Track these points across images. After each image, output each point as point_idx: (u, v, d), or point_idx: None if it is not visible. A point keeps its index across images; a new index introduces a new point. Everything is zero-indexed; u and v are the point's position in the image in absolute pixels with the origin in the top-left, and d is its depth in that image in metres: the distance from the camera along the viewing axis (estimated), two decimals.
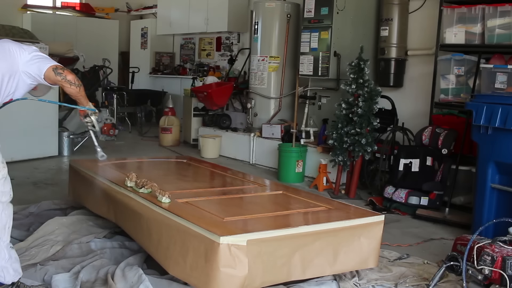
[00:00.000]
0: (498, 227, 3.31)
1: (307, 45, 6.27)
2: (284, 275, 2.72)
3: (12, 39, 3.21)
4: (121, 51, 11.95)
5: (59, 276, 2.94)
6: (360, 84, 5.08)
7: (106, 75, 9.08)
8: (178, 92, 9.96)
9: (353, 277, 3.08)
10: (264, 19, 7.15)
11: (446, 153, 4.82)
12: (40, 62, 2.77)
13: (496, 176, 3.88)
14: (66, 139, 6.93)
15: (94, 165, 4.28)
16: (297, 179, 5.90)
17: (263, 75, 7.18)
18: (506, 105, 3.72)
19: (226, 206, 3.30)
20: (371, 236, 3.03)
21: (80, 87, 2.89)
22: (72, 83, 2.82)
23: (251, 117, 7.28)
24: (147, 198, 3.18)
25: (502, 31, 4.74)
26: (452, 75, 5.13)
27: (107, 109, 8.78)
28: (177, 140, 8.17)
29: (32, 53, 2.78)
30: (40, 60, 2.78)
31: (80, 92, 2.91)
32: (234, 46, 9.47)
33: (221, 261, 2.48)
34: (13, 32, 6.99)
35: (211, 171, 4.53)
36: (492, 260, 2.67)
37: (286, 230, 2.76)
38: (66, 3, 11.57)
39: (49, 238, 3.43)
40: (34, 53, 2.80)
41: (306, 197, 3.52)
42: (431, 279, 2.92)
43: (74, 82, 2.83)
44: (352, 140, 5.07)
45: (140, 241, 3.17)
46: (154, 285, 2.80)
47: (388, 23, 5.96)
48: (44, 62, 2.78)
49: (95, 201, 3.85)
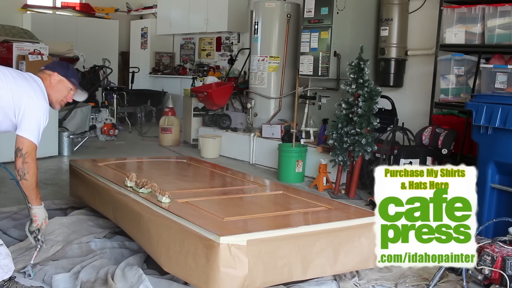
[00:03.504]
0: (498, 227, 3.31)
1: (307, 45, 6.27)
2: (285, 276, 2.72)
3: (12, 39, 3.21)
4: (121, 51, 11.95)
5: (59, 276, 2.94)
6: (360, 84, 5.08)
7: (106, 75, 9.08)
8: (178, 92, 9.96)
9: (353, 277, 3.08)
10: (264, 19, 7.15)
11: (446, 153, 4.82)
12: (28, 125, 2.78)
13: (496, 176, 3.88)
14: (66, 139, 6.92)
15: (94, 165, 4.29)
16: (297, 179, 5.90)
17: (263, 75, 7.18)
18: (506, 105, 3.73)
19: (226, 206, 3.30)
20: (371, 236, 3.01)
21: (31, 182, 2.81)
22: (22, 176, 2.77)
23: (251, 117, 7.28)
24: (147, 198, 3.18)
25: (502, 31, 4.74)
26: (452, 75, 5.13)
27: (107, 109, 8.78)
28: (177, 140, 8.17)
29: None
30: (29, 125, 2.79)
31: (29, 187, 2.83)
32: (234, 46, 9.47)
33: (221, 261, 2.47)
34: (13, 32, 6.99)
35: (211, 171, 4.53)
36: (492, 260, 2.66)
37: (286, 230, 2.76)
38: (66, 3, 11.58)
39: (49, 238, 3.43)
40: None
41: (306, 197, 3.52)
42: (431, 279, 2.92)
43: (23, 174, 2.77)
44: (352, 140, 5.07)
45: (140, 241, 3.17)
46: (154, 285, 2.80)
47: (388, 23, 5.96)
48: (29, 131, 2.78)
49: (95, 201, 3.85)
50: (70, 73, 3.06)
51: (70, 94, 3.08)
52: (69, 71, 3.07)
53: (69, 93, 3.07)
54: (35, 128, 2.81)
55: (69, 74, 3.04)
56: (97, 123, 8.28)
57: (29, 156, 2.78)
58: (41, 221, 2.96)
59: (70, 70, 3.11)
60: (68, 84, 3.04)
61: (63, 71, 3.03)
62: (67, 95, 3.06)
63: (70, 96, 3.10)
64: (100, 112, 8.40)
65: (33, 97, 2.81)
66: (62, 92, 3.03)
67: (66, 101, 3.10)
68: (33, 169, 2.81)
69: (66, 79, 3.02)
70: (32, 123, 2.80)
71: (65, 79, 3.02)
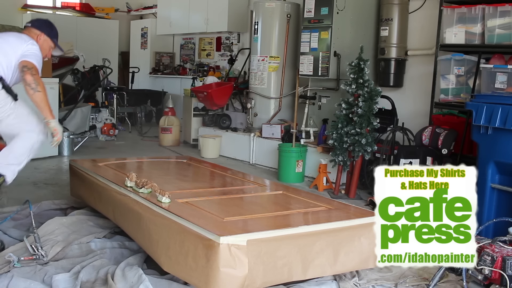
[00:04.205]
0: (498, 227, 3.31)
1: (307, 45, 6.27)
2: (285, 276, 2.71)
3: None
4: (121, 51, 11.95)
5: (59, 276, 2.94)
6: (360, 84, 5.08)
7: (106, 75, 9.08)
8: (178, 92, 9.96)
9: (353, 277, 3.08)
10: (264, 19, 7.15)
11: (446, 153, 4.82)
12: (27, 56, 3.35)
13: (496, 176, 3.88)
14: (66, 139, 6.92)
15: (94, 165, 4.29)
16: (297, 179, 5.90)
17: (263, 75, 7.18)
18: (506, 105, 3.73)
19: (226, 206, 3.30)
20: (371, 236, 3.01)
21: (44, 93, 3.28)
22: (34, 88, 3.24)
23: (251, 117, 7.28)
24: (147, 198, 3.18)
25: (502, 31, 4.74)
26: (452, 75, 5.13)
27: (107, 109, 8.78)
28: (177, 140, 8.17)
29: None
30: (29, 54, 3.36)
31: (43, 99, 3.30)
32: (234, 46, 9.47)
33: (221, 261, 2.47)
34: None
35: (211, 171, 4.53)
36: (492, 260, 2.67)
37: (286, 230, 2.76)
38: (66, 3, 11.58)
39: (49, 238, 3.43)
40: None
41: (306, 197, 3.52)
42: (431, 279, 2.92)
43: (36, 86, 3.24)
44: (352, 140, 5.07)
45: (140, 241, 3.17)
46: (154, 285, 2.80)
47: (388, 23, 5.96)
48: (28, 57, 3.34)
49: (95, 201, 3.85)
50: (53, 33, 3.67)
51: (50, 51, 3.71)
52: (53, 31, 3.67)
53: (49, 50, 3.69)
54: (36, 60, 3.36)
55: (52, 34, 3.65)
56: (97, 123, 8.28)
57: (36, 72, 3.27)
58: (60, 134, 3.45)
59: (54, 30, 3.70)
60: (51, 43, 3.65)
61: (48, 31, 3.62)
62: (48, 52, 3.67)
63: (50, 53, 3.72)
64: (100, 112, 8.40)
65: (27, 41, 3.45)
66: (45, 50, 3.61)
67: (48, 57, 3.72)
68: (42, 83, 3.26)
69: (49, 39, 3.63)
70: (33, 57, 3.37)
71: (49, 38, 3.63)
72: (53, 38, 3.64)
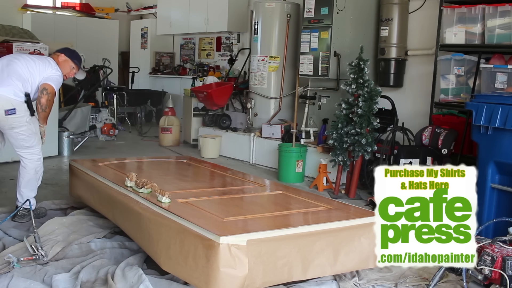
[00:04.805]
0: (498, 227, 3.31)
1: (307, 45, 6.27)
2: (285, 276, 2.72)
3: (12, 39, 3.47)
4: (121, 51, 11.95)
5: (59, 276, 2.94)
6: (360, 84, 5.08)
7: (106, 75, 9.07)
8: (178, 92, 9.96)
9: (353, 277, 3.08)
10: (264, 19, 7.15)
11: (446, 153, 4.82)
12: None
13: (496, 176, 3.88)
14: (66, 139, 6.92)
15: (94, 165, 4.29)
16: (297, 179, 5.90)
17: (263, 75, 7.18)
18: (506, 105, 3.73)
19: (226, 206, 3.30)
20: (371, 236, 3.01)
21: (48, 113, 3.98)
22: (43, 109, 3.92)
23: (251, 117, 7.28)
24: (147, 198, 3.18)
25: (502, 31, 4.74)
26: (452, 75, 5.13)
27: (107, 109, 8.77)
28: (177, 140, 8.17)
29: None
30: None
31: (45, 116, 3.99)
32: (234, 46, 9.47)
33: (221, 261, 2.47)
34: (13, 32, 6.98)
35: (211, 171, 4.53)
36: (492, 260, 2.67)
37: (286, 230, 2.76)
38: (66, 3, 11.57)
39: (49, 238, 3.43)
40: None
41: (306, 197, 3.52)
42: (431, 279, 2.92)
43: (45, 108, 3.91)
44: (352, 140, 5.07)
45: (140, 241, 3.17)
46: (154, 285, 2.80)
47: (388, 23, 5.96)
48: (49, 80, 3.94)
49: (95, 201, 3.85)
50: (74, 55, 4.18)
51: (72, 71, 4.19)
52: (73, 54, 4.19)
53: (71, 71, 4.17)
54: (55, 84, 3.96)
55: (73, 56, 4.17)
56: (97, 123, 8.28)
57: (52, 97, 3.91)
58: (45, 137, 4.12)
59: (75, 54, 4.21)
60: (71, 63, 4.15)
61: (68, 53, 4.16)
62: (69, 72, 4.16)
63: (72, 73, 4.20)
64: (100, 112, 8.39)
65: (53, 67, 3.99)
66: (66, 69, 4.11)
67: (69, 76, 4.23)
68: (51, 105, 3.97)
69: (70, 60, 4.13)
70: (54, 81, 3.95)
71: (69, 59, 4.13)
72: (74, 59, 4.16)
